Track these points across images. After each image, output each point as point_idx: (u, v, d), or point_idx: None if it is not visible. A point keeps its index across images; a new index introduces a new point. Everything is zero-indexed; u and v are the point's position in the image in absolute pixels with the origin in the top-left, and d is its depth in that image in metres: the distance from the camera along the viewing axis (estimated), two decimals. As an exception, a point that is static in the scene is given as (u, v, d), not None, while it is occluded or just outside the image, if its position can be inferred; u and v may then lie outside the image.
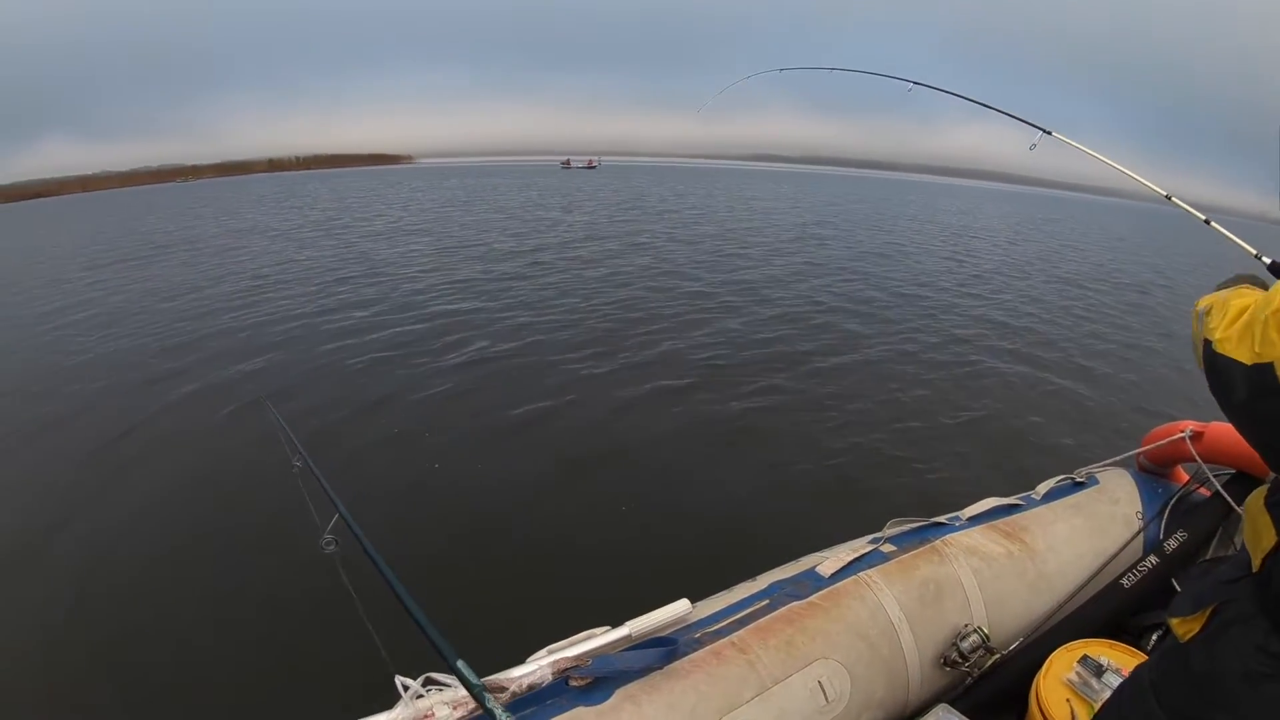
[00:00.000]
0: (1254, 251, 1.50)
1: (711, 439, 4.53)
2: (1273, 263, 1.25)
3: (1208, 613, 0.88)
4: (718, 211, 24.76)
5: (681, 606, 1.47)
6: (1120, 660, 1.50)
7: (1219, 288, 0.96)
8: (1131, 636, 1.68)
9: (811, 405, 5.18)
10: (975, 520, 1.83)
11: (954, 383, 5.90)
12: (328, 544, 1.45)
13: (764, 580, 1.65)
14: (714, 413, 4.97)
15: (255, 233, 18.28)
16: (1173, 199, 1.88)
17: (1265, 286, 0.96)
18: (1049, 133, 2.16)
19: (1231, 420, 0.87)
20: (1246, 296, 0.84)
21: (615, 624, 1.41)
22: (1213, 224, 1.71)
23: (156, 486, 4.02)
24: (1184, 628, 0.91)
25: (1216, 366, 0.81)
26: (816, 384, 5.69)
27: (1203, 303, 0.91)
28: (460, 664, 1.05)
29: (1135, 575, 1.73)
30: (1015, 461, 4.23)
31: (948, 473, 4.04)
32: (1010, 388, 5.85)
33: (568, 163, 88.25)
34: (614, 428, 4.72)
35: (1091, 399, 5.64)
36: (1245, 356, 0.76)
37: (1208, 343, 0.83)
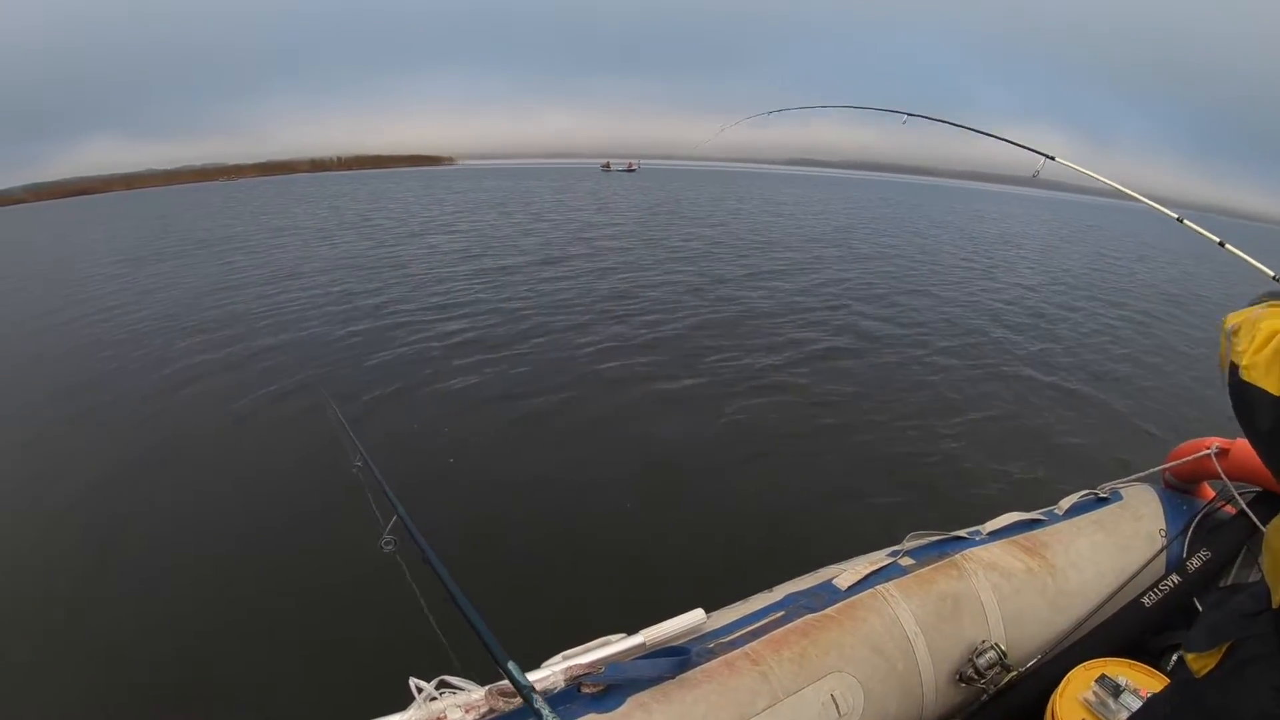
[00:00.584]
0: (1271, 273, 1.45)
1: (735, 448, 4.50)
2: None
3: (1224, 649, 0.85)
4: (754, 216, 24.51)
5: (696, 616, 1.47)
6: (1139, 680, 1.48)
7: (1251, 304, 0.92)
8: (1151, 656, 1.66)
9: (835, 415, 5.13)
10: (996, 535, 1.80)
11: (979, 391, 5.81)
12: (386, 544, 1.47)
13: (780, 591, 1.63)
14: (735, 421, 4.94)
15: (323, 232, 18.43)
16: (1184, 222, 1.83)
17: None
18: (1052, 158, 2.13)
19: (1255, 447, 0.84)
20: (1278, 318, 0.81)
21: (630, 632, 1.41)
22: (1227, 246, 1.66)
23: (214, 481, 4.10)
24: (1199, 663, 0.88)
25: (1242, 393, 0.79)
26: (839, 393, 5.62)
27: (1231, 320, 0.87)
28: (511, 665, 1.08)
29: (1157, 594, 1.70)
30: (1040, 474, 4.16)
31: (970, 485, 3.98)
32: (1042, 399, 5.73)
33: (608, 165, 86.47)
34: (641, 435, 4.72)
35: (1125, 412, 5.52)
36: (1273, 386, 0.73)
37: (1234, 367, 0.80)
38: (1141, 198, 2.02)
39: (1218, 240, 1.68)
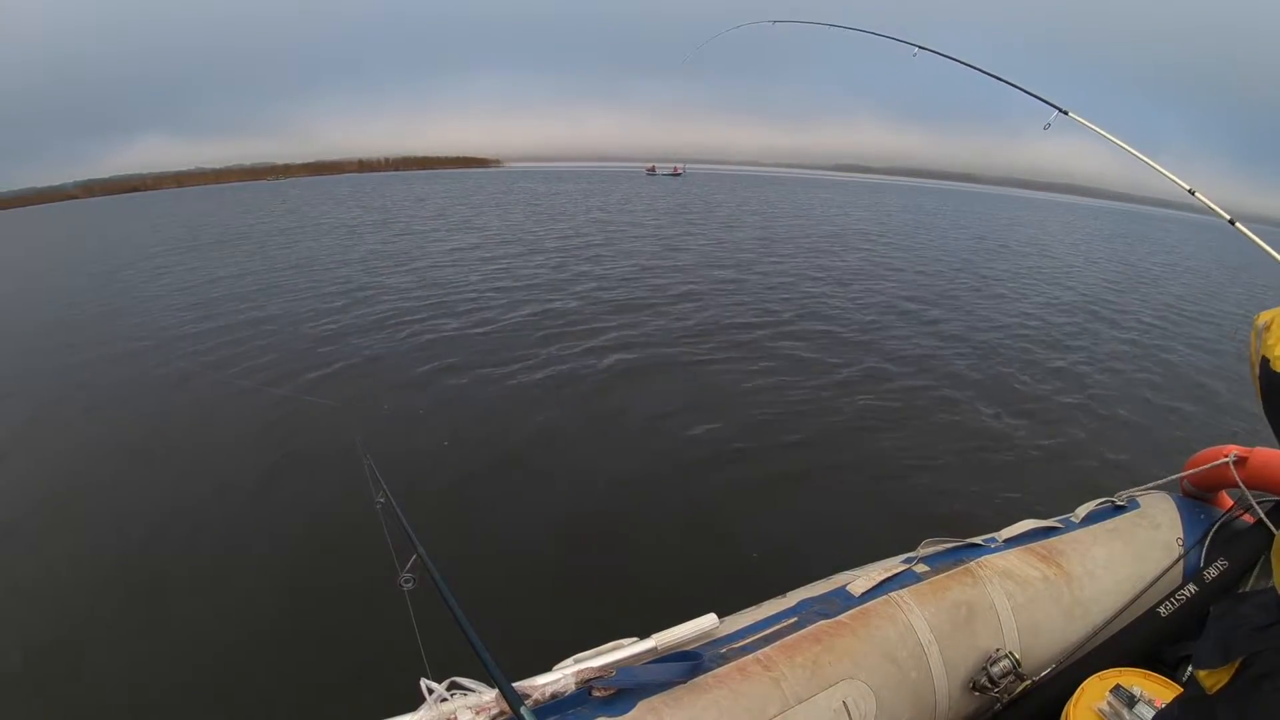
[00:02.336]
0: (1279, 256, 1.40)
1: (751, 452, 4.47)
2: None
3: (1237, 664, 0.83)
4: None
5: (708, 621, 1.46)
6: (1154, 691, 1.46)
7: None
8: (1167, 667, 1.64)
9: (850, 419, 5.10)
10: (1012, 542, 1.78)
11: (1001, 399, 5.75)
12: (406, 581, 1.45)
13: (793, 598, 1.62)
14: (752, 428, 4.90)
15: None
16: (1196, 194, 1.77)
17: None
18: (1065, 112, 2.03)
19: None
20: None
21: (642, 636, 1.40)
22: (1237, 225, 1.60)
23: (240, 491, 4.06)
24: (1211, 679, 0.86)
25: (1275, 387, 0.79)
26: (857, 398, 5.58)
27: (1263, 317, 0.86)
28: (524, 710, 1.13)
29: (1173, 604, 1.68)
30: (1058, 482, 4.11)
31: (986, 492, 3.94)
32: (1069, 407, 5.66)
33: (653, 169, 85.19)
34: (654, 439, 4.70)
35: (1149, 423, 5.45)
36: None
37: (1265, 361, 0.80)
38: (1155, 164, 1.91)
39: (1228, 218, 1.63)
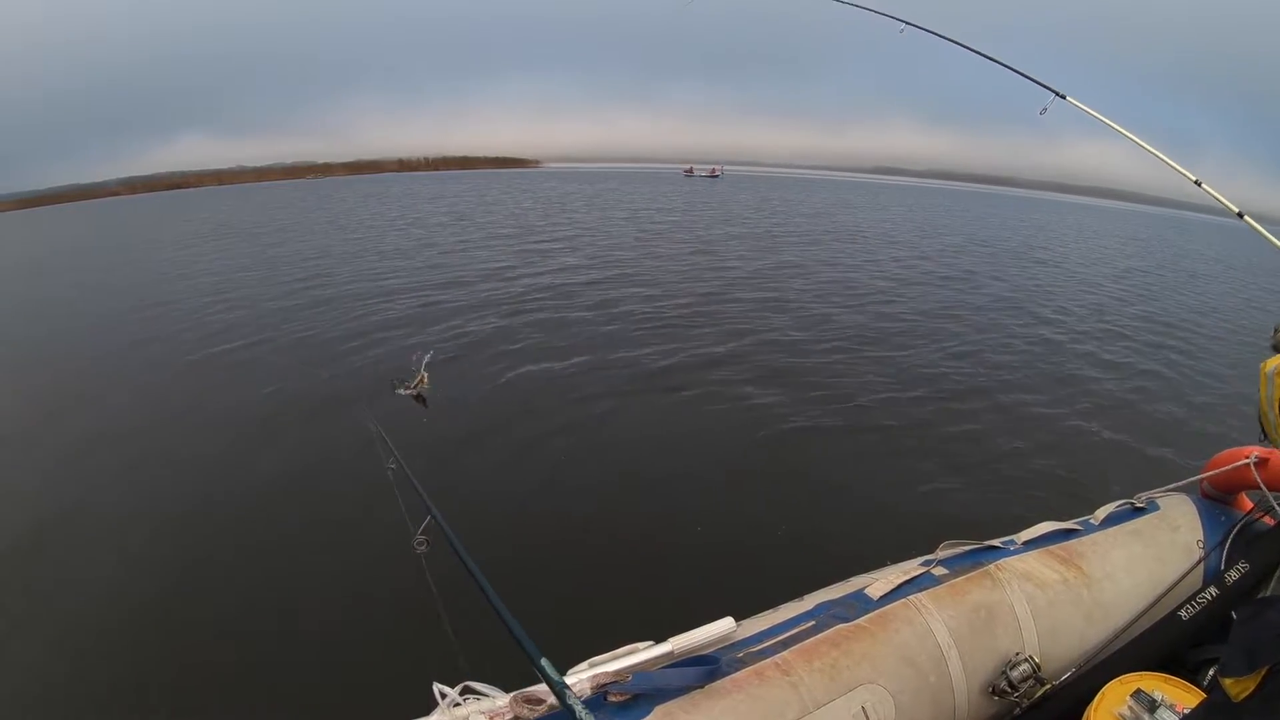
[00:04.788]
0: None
1: (768, 456, 4.45)
2: None
3: (1263, 673, 0.81)
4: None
5: (725, 625, 1.43)
6: (1175, 695, 1.43)
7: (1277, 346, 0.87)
8: (1188, 671, 1.62)
9: (868, 421, 5.08)
10: (1031, 544, 1.76)
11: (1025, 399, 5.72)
12: (419, 544, 1.44)
13: (811, 601, 1.60)
14: (773, 431, 4.88)
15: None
16: (1202, 185, 1.73)
17: None
18: (1062, 96, 1.98)
19: None
20: None
21: (658, 639, 1.37)
22: (1245, 218, 1.57)
23: (253, 473, 4.13)
24: (1238, 687, 0.84)
25: None
26: (877, 401, 5.55)
27: (1271, 364, 0.82)
28: (544, 661, 1.08)
29: (1194, 607, 1.65)
30: (1078, 484, 4.08)
31: (1005, 493, 3.92)
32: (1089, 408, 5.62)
33: (690, 170, 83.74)
34: (671, 443, 4.67)
35: (1175, 419, 5.40)
36: None
37: None
38: (1155, 151, 1.85)
39: (1236, 210, 1.59)
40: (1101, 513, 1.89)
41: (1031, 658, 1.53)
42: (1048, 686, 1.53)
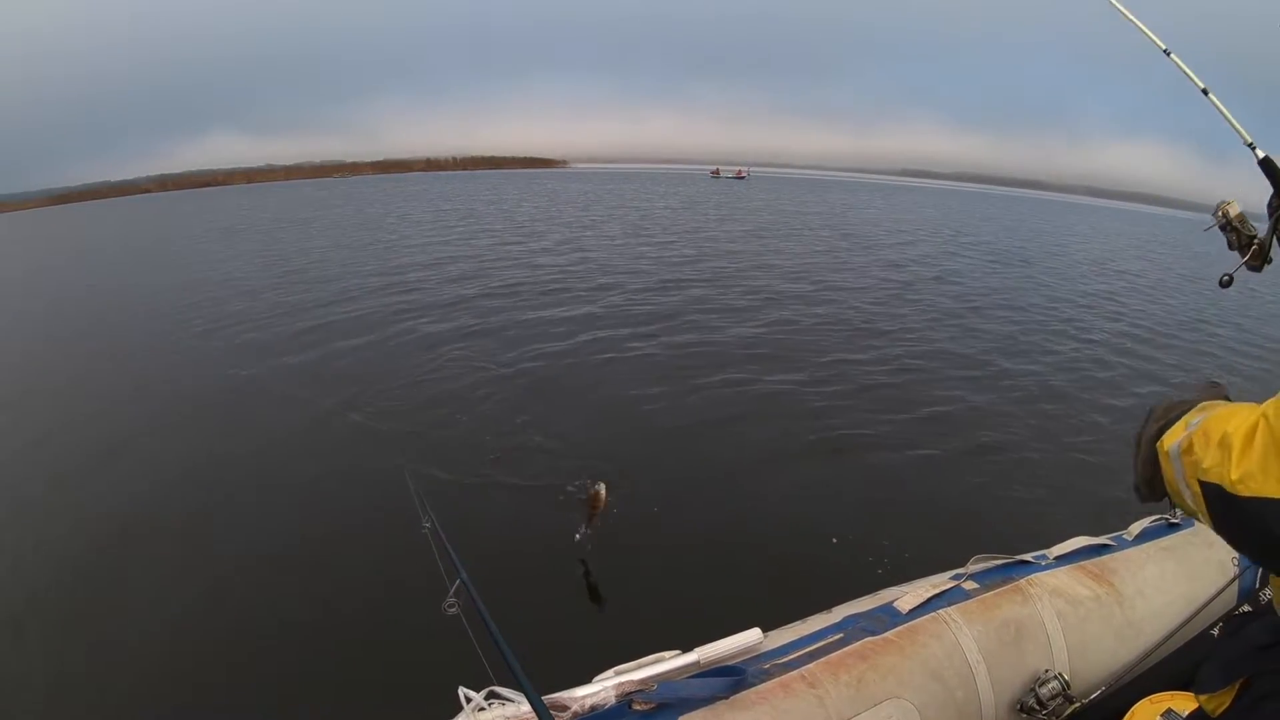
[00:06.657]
0: (1249, 139, 1.27)
1: (801, 466, 4.36)
2: (1266, 157, 1.09)
3: (1238, 686, 0.77)
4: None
5: (752, 635, 1.42)
6: (1206, 717, 1.40)
7: (1169, 412, 0.79)
8: None
9: (903, 433, 4.95)
10: (1063, 560, 1.72)
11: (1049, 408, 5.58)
12: (450, 606, 1.42)
13: (839, 613, 1.57)
14: (804, 441, 4.77)
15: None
16: (1171, 55, 1.61)
17: (1227, 396, 0.79)
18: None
19: (1265, 563, 0.74)
20: (1229, 414, 0.67)
21: (684, 649, 1.36)
22: (1210, 95, 1.47)
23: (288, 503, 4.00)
24: (1214, 703, 0.80)
25: (1241, 512, 0.63)
26: (910, 413, 5.38)
27: (1169, 440, 0.74)
28: None
29: None
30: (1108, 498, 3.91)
31: (1038, 507, 3.81)
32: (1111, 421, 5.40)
33: (717, 172, 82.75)
34: (697, 449, 4.59)
35: None
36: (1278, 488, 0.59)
37: (1216, 488, 0.65)
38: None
39: (1202, 87, 1.48)
40: (1135, 528, 1.85)
41: (1061, 675, 1.50)
42: (1077, 705, 1.50)
